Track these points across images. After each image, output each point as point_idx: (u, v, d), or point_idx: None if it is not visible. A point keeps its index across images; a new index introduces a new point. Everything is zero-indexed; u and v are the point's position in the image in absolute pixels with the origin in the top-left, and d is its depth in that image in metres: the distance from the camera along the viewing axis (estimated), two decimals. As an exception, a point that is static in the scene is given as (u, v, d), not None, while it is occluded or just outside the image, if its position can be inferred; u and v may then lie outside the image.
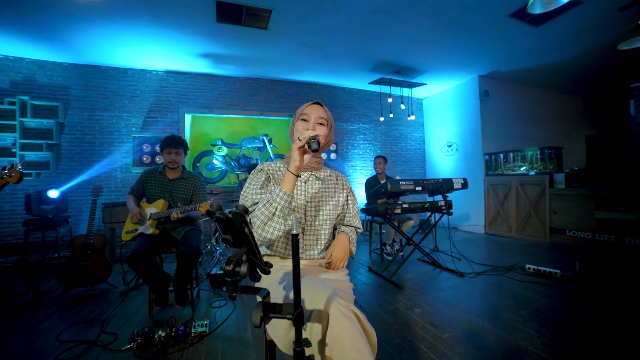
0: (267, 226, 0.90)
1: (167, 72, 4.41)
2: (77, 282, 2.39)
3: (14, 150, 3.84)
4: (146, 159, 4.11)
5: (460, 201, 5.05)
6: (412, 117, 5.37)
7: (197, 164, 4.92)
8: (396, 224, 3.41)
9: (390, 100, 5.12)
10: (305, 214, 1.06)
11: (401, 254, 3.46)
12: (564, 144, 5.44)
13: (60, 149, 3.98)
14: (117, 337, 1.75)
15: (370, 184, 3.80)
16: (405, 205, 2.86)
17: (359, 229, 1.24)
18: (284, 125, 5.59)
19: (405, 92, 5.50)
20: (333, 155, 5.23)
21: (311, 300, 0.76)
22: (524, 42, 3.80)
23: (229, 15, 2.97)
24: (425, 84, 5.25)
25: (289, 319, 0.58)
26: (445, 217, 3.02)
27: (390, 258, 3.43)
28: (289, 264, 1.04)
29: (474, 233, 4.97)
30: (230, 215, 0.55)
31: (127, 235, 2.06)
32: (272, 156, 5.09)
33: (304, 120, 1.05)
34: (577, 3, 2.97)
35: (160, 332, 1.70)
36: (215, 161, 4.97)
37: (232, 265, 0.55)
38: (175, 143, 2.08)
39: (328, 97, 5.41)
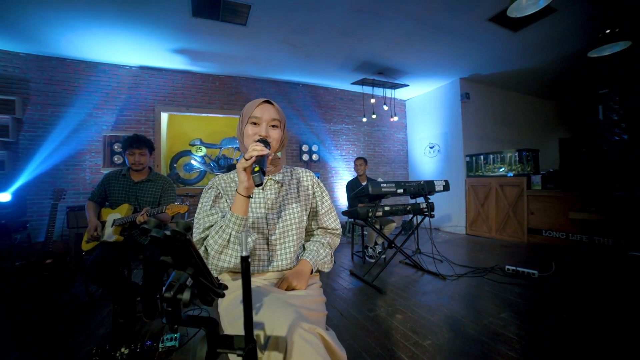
0: (223, 255, 0.82)
1: (142, 67, 4.17)
2: (33, 294, 2.18)
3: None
4: (117, 159, 3.87)
5: (442, 202, 5.11)
6: (395, 119, 5.39)
7: (175, 165, 4.71)
8: (378, 226, 3.38)
9: (373, 101, 5.10)
10: (267, 223, 0.96)
11: (383, 256, 3.43)
12: (539, 146, 5.63)
13: (18, 148, 3.67)
14: (74, 357, 1.59)
15: (352, 187, 3.75)
16: (387, 208, 2.82)
17: (335, 230, 1.12)
18: (266, 125, 5.46)
19: (388, 93, 5.50)
20: (315, 156, 5.15)
21: (270, 325, 0.67)
22: (503, 47, 3.88)
23: (206, 9, 2.83)
24: (408, 85, 5.27)
25: (239, 354, 0.50)
26: (427, 218, 3.01)
27: (372, 261, 3.39)
28: (255, 279, 0.94)
29: (456, 234, 5.03)
30: (168, 233, 0.46)
31: (88, 245, 1.88)
32: (253, 157, 4.94)
33: (254, 123, 0.93)
34: (551, 11, 3.04)
35: (123, 349, 1.55)
36: (193, 162, 4.78)
37: (172, 292, 0.46)
38: (138, 143, 1.92)
39: (310, 96, 5.33)
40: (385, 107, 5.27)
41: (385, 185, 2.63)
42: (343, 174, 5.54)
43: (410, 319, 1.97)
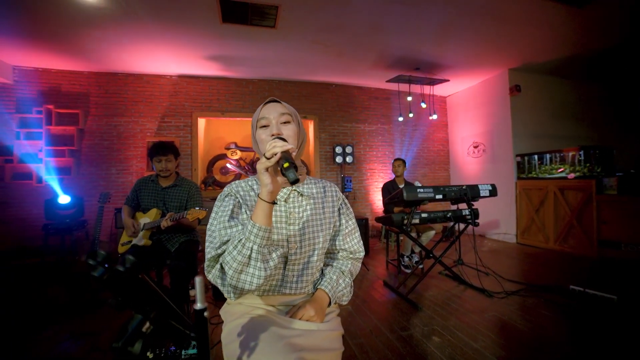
0: (243, 275, 0.70)
1: (180, 76, 4.42)
2: (80, 291, 2.36)
3: (40, 157, 4.00)
4: (159, 163, 4.12)
5: (488, 206, 4.59)
6: (434, 117, 5.01)
7: (212, 168, 4.90)
8: (415, 233, 3.12)
9: (409, 99, 4.80)
10: (288, 241, 0.84)
11: (421, 266, 3.16)
12: (611, 142, 4.81)
13: (80, 155, 4.10)
14: (105, 356, 1.66)
15: (388, 189, 3.52)
16: (424, 215, 2.58)
17: (358, 253, 0.98)
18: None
19: (427, 89, 5.14)
20: (349, 158, 4.98)
21: None
22: (563, 27, 3.34)
23: (234, 14, 2.86)
24: (448, 80, 4.87)
25: None
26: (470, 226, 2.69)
27: (408, 271, 3.14)
28: (258, 302, 0.84)
29: (504, 242, 4.51)
30: (119, 268, 0.37)
31: (122, 248, 1.98)
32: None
33: (264, 126, 0.83)
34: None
35: (148, 353, 1.57)
36: (228, 165, 4.92)
37: (121, 342, 0.37)
38: (164, 150, 1.97)
39: (344, 97, 5.19)
40: (424, 105, 4.92)
41: (422, 190, 2.39)
42: (379, 176, 5.30)
43: (449, 343, 1.74)
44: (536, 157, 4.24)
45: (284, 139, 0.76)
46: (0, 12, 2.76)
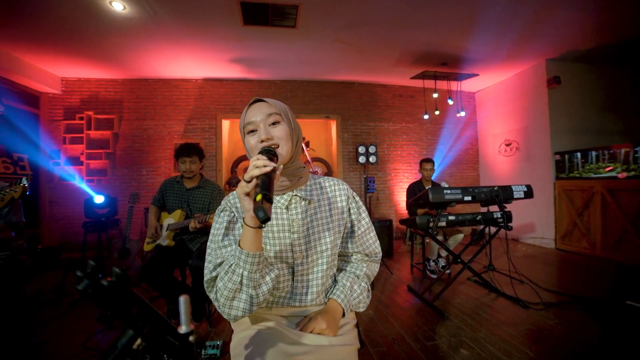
0: (235, 301, 0.67)
1: (205, 79, 4.56)
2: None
3: (81, 160, 4.32)
4: (185, 165, 4.29)
5: (522, 208, 4.27)
6: (462, 114, 4.76)
7: (235, 169, 5.01)
8: (441, 236, 2.96)
9: (435, 96, 4.59)
10: (293, 251, 0.78)
11: (448, 271, 3.00)
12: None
13: (115, 157, 4.36)
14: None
15: (414, 191, 3.36)
16: (451, 218, 2.42)
17: (374, 254, 0.90)
18: (322, 127, 5.42)
19: (454, 85, 4.88)
20: (372, 158, 4.85)
21: None
22: (610, 10, 2.99)
23: (255, 16, 2.88)
24: (477, 75, 4.59)
25: None
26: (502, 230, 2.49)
27: (434, 276, 2.99)
28: (270, 315, 0.80)
29: (541, 247, 4.17)
30: (104, 283, 0.34)
31: (148, 246, 2.05)
32: (309, 160, 4.93)
33: (252, 131, 0.75)
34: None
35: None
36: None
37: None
38: (189, 151, 2.01)
39: (367, 95, 5.08)
40: (451, 102, 4.68)
41: (449, 191, 2.25)
42: (403, 176, 5.13)
43: (479, 357, 1.60)
44: (579, 154, 3.86)
45: (271, 151, 0.69)
46: (50, 30, 3.00)
